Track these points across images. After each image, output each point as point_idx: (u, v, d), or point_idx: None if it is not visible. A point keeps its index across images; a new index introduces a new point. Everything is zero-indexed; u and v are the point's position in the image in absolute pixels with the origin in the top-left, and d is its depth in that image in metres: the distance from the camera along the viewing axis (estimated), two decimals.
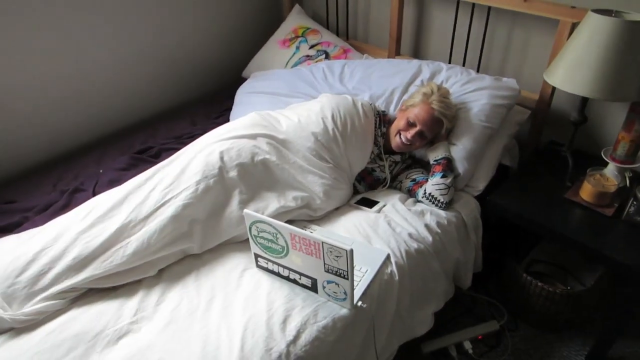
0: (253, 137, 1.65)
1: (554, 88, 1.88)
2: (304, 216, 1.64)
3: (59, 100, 2.10)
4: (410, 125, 1.73)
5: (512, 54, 2.08)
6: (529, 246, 2.01)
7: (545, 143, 2.09)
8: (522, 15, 1.96)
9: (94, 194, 1.73)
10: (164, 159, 1.91)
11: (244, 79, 2.43)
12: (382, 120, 1.85)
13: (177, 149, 1.96)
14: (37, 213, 1.67)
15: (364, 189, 1.84)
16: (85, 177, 1.86)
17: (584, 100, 1.70)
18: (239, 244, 1.53)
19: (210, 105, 2.45)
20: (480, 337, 1.81)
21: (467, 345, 1.76)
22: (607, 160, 1.73)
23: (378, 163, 1.83)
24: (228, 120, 2.18)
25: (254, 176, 1.57)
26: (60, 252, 1.31)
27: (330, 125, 1.72)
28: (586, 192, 1.69)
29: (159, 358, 1.16)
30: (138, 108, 2.42)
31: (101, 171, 1.88)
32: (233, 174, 1.54)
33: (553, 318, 1.79)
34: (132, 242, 1.36)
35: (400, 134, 1.75)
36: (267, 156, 1.61)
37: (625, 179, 1.71)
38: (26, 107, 2.01)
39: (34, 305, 1.26)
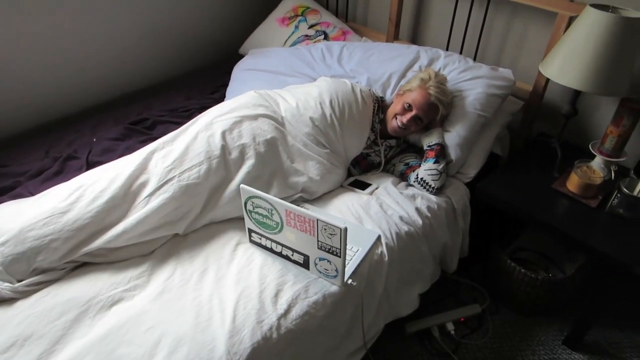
0: (255, 117, 1.64)
1: (547, 80, 1.91)
2: (299, 198, 1.66)
3: (53, 68, 2.08)
4: (406, 109, 1.75)
5: (509, 44, 2.10)
6: (514, 234, 2.06)
7: (535, 134, 2.13)
8: (522, 6, 1.98)
9: (88, 162, 1.74)
10: (158, 131, 1.93)
11: (241, 56, 2.42)
12: (380, 106, 1.86)
13: (172, 122, 1.98)
14: (30, 178, 1.67)
15: (358, 173, 1.86)
16: (79, 145, 1.85)
17: (576, 94, 1.73)
18: (234, 219, 1.54)
19: (206, 80, 2.43)
20: (462, 319, 1.86)
21: (450, 327, 1.81)
22: (595, 153, 1.77)
23: (373, 148, 1.85)
24: (224, 96, 2.18)
25: (255, 158, 1.56)
26: (62, 224, 1.30)
27: (328, 111, 1.73)
28: (573, 183, 1.73)
29: (152, 326, 1.18)
30: (133, 79, 2.41)
31: (94, 140, 1.87)
32: (235, 154, 1.54)
33: (533, 303, 1.85)
34: (133, 220, 1.36)
35: (396, 118, 1.77)
36: (268, 136, 1.61)
37: (611, 172, 1.76)
38: (21, 72, 1.99)
39: (34, 277, 1.27)
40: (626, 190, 1.60)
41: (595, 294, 1.68)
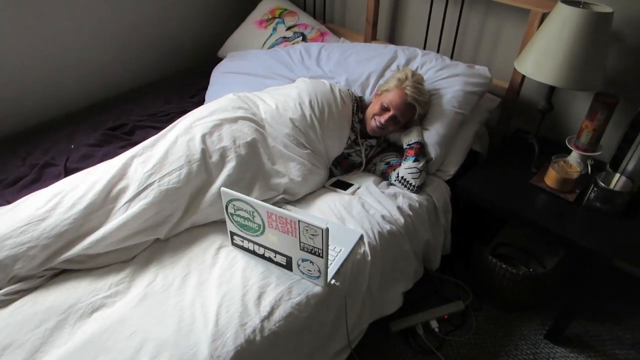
0: (234, 120, 1.64)
1: (523, 77, 1.94)
2: (280, 200, 1.66)
3: (30, 74, 2.05)
4: (384, 109, 1.76)
5: (485, 42, 2.13)
6: (495, 230, 2.08)
7: (513, 130, 2.16)
8: (495, 4, 2.01)
9: (66, 169, 1.71)
10: (138, 137, 1.91)
11: (220, 59, 2.41)
12: (359, 106, 1.87)
13: (152, 127, 1.96)
14: (6, 187, 1.64)
15: (340, 173, 1.86)
16: (56, 152, 1.82)
17: (551, 89, 1.76)
18: (215, 222, 1.53)
19: (185, 84, 2.42)
20: (446, 316, 1.87)
21: (434, 324, 1.82)
22: (571, 148, 1.80)
23: (354, 148, 1.85)
24: (203, 100, 2.17)
25: (236, 160, 1.55)
26: (39, 232, 1.28)
27: (307, 111, 1.73)
28: (550, 178, 1.76)
29: (134, 332, 1.16)
30: (111, 85, 2.38)
31: (72, 146, 1.85)
32: (215, 158, 1.53)
33: (516, 298, 1.87)
34: (113, 225, 1.34)
35: (374, 118, 1.78)
36: (249, 139, 1.60)
37: (587, 166, 1.79)
38: None
39: (12, 285, 1.24)
40: (602, 184, 1.63)
41: (575, 288, 1.70)
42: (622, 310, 1.98)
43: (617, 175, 1.67)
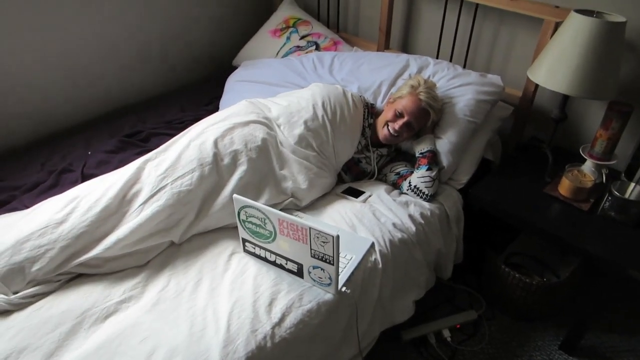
0: (246, 123, 1.66)
1: (536, 85, 1.93)
2: (290, 205, 1.67)
3: (47, 81, 2.10)
4: (398, 116, 1.76)
5: (497, 51, 2.13)
6: (508, 239, 2.07)
7: (526, 139, 2.15)
8: (508, 13, 2.01)
9: (82, 175, 1.75)
10: (153, 144, 1.94)
11: (235, 67, 2.44)
12: (370, 112, 1.88)
13: (167, 134, 1.99)
14: (25, 192, 1.67)
15: (350, 180, 1.87)
16: (74, 158, 1.86)
17: (565, 98, 1.75)
18: (228, 229, 1.55)
19: (200, 92, 2.45)
20: (458, 325, 1.86)
21: (446, 334, 1.81)
22: (585, 157, 1.78)
23: (365, 154, 1.86)
24: (218, 108, 2.20)
25: (247, 164, 1.57)
26: (57, 234, 1.32)
27: (320, 112, 1.75)
28: (564, 187, 1.75)
29: (146, 337, 1.18)
30: (127, 92, 2.42)
31: (89, 153, 1.88)
32: (227, 160, 1.55)
33: (529, 308, 1.85)
34: (127, 228, 1.37)
35: (387, 126, 1.78)
36: (260, 142, 1.62)
37: (602, 175, 1.78)
38: (16, 87, 2.00)
39: (30, 288, 1.27)
40: (617, 193, 1.62)
41: (589, 298, 1.68)
42: (638, 322, 1.94)
43: (632, 184, 1.65)
